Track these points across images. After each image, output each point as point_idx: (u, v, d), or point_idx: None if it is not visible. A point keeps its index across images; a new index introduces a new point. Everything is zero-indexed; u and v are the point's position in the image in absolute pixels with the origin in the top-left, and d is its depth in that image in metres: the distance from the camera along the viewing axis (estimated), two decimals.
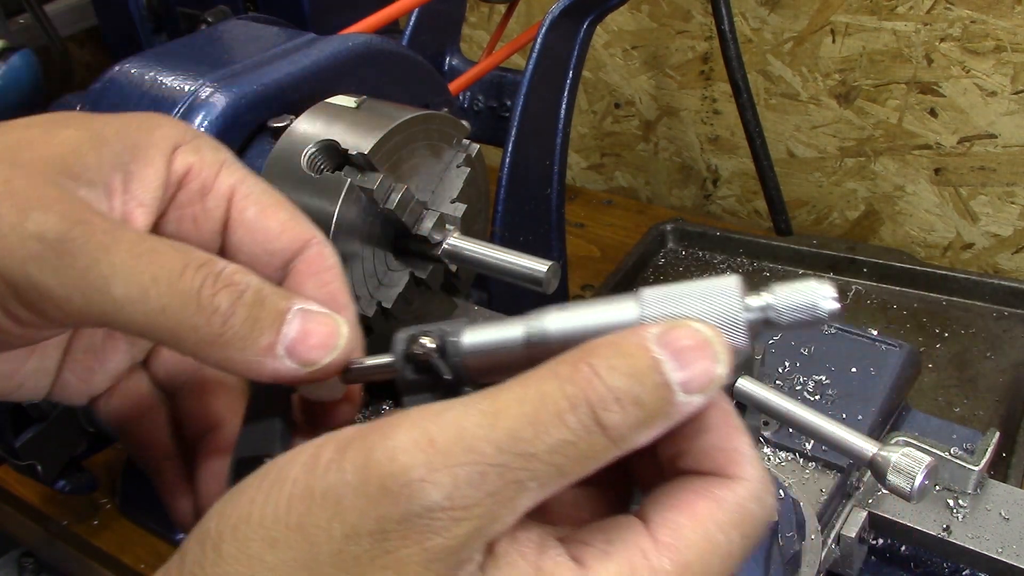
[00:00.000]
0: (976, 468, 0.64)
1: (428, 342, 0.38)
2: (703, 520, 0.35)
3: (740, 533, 0.35)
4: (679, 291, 0.37)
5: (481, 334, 0.39)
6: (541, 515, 0.37)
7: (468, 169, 0.75)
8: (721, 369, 0.34)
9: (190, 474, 0.49)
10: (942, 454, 0.64)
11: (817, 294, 0.37)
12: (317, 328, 0.40)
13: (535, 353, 0.37)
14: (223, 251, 0.46)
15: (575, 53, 0.99)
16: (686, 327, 0.35)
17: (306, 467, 0.34)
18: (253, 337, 0.39)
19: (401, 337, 0.39)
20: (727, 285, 0.37)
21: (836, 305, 0.36)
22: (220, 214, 0.46)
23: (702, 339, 0.35)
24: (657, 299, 0.37)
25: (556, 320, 0.37)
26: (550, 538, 0.36)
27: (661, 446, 0.37)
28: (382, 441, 0.33)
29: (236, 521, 0.34)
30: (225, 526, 0.34)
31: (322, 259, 0.45)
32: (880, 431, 0.70)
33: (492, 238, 0.93)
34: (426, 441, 0.32)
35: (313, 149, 0.68)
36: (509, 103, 1.12)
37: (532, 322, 0.38)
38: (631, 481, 0.40)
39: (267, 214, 0.46)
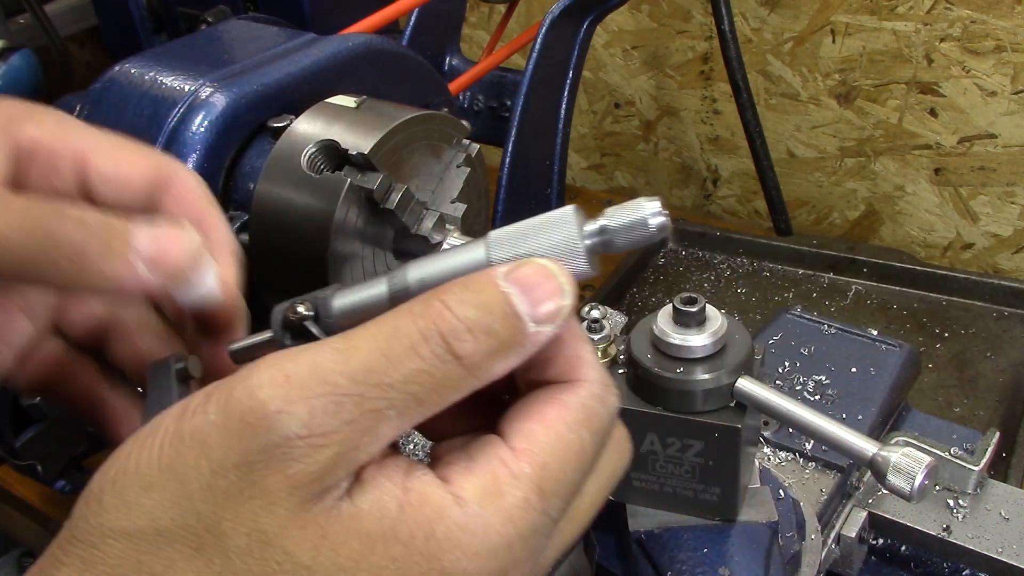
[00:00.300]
0: (976, 468, 0.64)
1: (302, 309, 0.41)
2: (552, 423, 0.38)
3: (588, 430, 0.38)
4: (522, 228, 0.40)
5: (349, 295, 0.41)
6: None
7: (468, 169, 0.75)
8: (567, 300, 0.37)
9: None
10: (942, 454, 0.64)
11: (645, 210, 0.39)
12: (167, 233, 0.43)
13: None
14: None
15: (575, 53, 0.99)
16: (532, 264, 0.38)
17: (175, 415, 0.36)
18: (107, 254, 0.41)
19: (278, 308, 0.42)
20: (564, 216, 0.39)
21: (663, 219, 0.39)
22: (74, 177, 0.48)
23: (547, 273, 0.37)
24: (503, 239, 0.39)
25: (414, 271, 0.40)
26: (418, 463, 0.38)
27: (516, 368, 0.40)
28: (242, 382, 0.35)
29: (115, 473, 0.36)
30: (105, 480, 0.36)
31: (184, 186, 0.49)
32: (880, 431, 0.70)
33: None
34: (282, 377, 0.34)
35: (313, 149, 0.68)
36: (509, 103, 1.12)
37: (394, 277, 0.40)
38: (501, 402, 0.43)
39: (120, 162, 0.48)
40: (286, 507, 0.34)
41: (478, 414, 0.42)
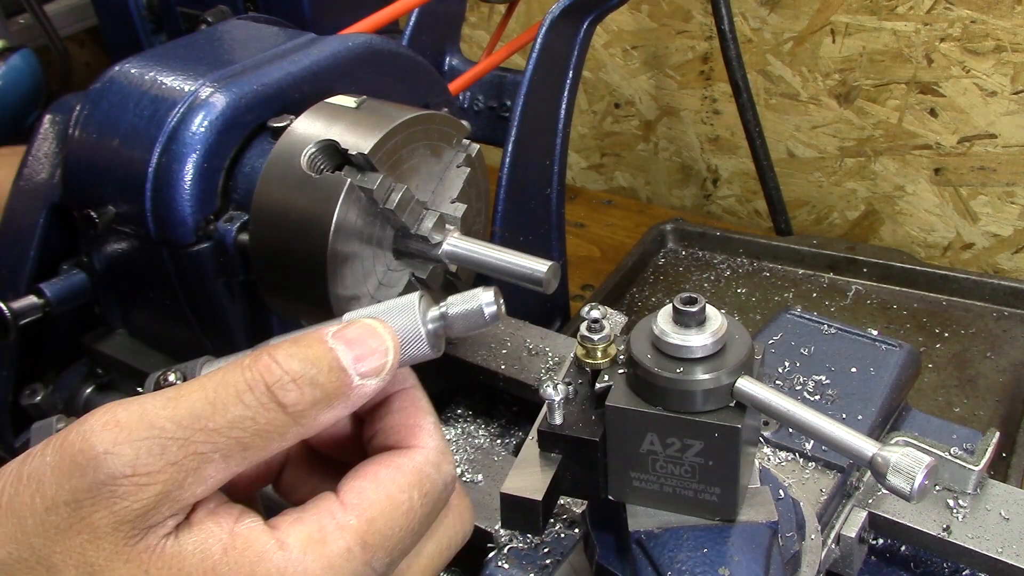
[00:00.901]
0: (976, 468, 0.64)
1: (172, 377, 0.45)
2: (384, 482, 0.41)
3: (419, 491, 0.42)
4: (371, 311, 0.44)
5: (217, 364, 0.45)
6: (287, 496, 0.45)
7: (468, 169, 0.75)
8: (391, 356, 0.41)
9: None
10: (942, 454, 0.64)
11: (481, 300, 0.44)
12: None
13: None
14: None
15: (575, 53, 0.99)
16: (358, 323, 0.41)
17: (20, 459, 0.39)
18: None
19: (153, 376, 0.46)
20: (409, 303, 0.44)
21: (496, 308, 0.44)
22: None
23: (372, 331, 0.41)
24: (352, 318, 0.43)
25: (272, 342, 0.43)
26: (250, 511, 0.40)
27: (363, 430, 0.44)
28: (77, 427, 0.38)
29: None
30: None
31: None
32: (880, 431, 0.70)
33: (492, 238, 0.93)
34: (113, 421, 0.37)
35: (313, 149, 0.68)
36: (509, 103, 1.12)
37: (257, 348, 0.43)
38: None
39: None
40: (111, 542, 0.37)
41: (330, 478, 0.45)
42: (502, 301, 0.44)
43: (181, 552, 0.37)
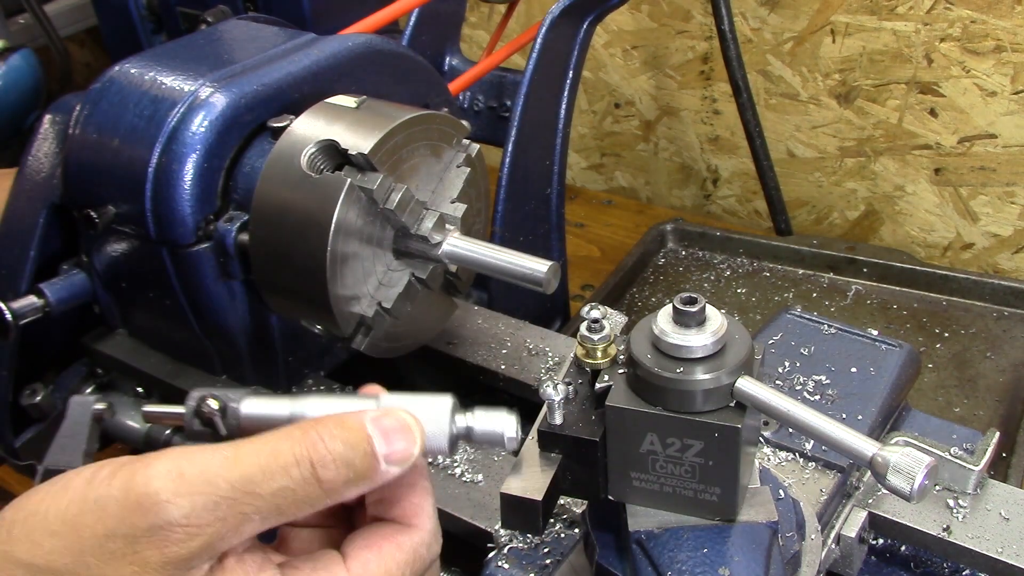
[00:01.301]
0: (976, 468, 0.64)
1: (213, 404, 0.48)
2: (385, 557, 0.47)
3: (412, 569, 0.48)
4: (410, 400, 0.49)
5: (256, 406, 0.48)
6: (285, 546, 0.51)
7: (468, 169, 0.75)
8: (416, 450, 0.47)
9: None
10: (942, 454, 0.64)
11: (505, 428, 0.49)
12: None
13: None
14: None
15: (575, 53, 0.99)
16: (395, 415, 0.47)
17: (86, 480, 0.44)
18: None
19: (194, 395, 0.49)
20: (443, 404, 0.49)
21: (515, 438, 0.49)
22: None
23: (405, 426, 0.47)
24: (391, 402, 0.48)
25: (314, 407, 0.48)
26: (271, 562, 0.46)
27: (369, 494, 0.49)
28: (144, 468, 0.43)
29: (27, 514, 0.44)
30: (18, 515, 0.44)
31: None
32: (880, 431, 0.70)
33: (492, 238, 0.93)
34: (176, 472, 0.43)
35: (313, 149, 0.68)
36: (509, 103, 1.12)
37: (296, 405, 0.48)
38: (351, 524, 0.52)
39: None
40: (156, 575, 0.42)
41: (329, 515, 0.52)
42: (520, 429, 0.50)
43: None
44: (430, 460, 0.69)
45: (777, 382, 0.72)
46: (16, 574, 0.43)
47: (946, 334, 1.03)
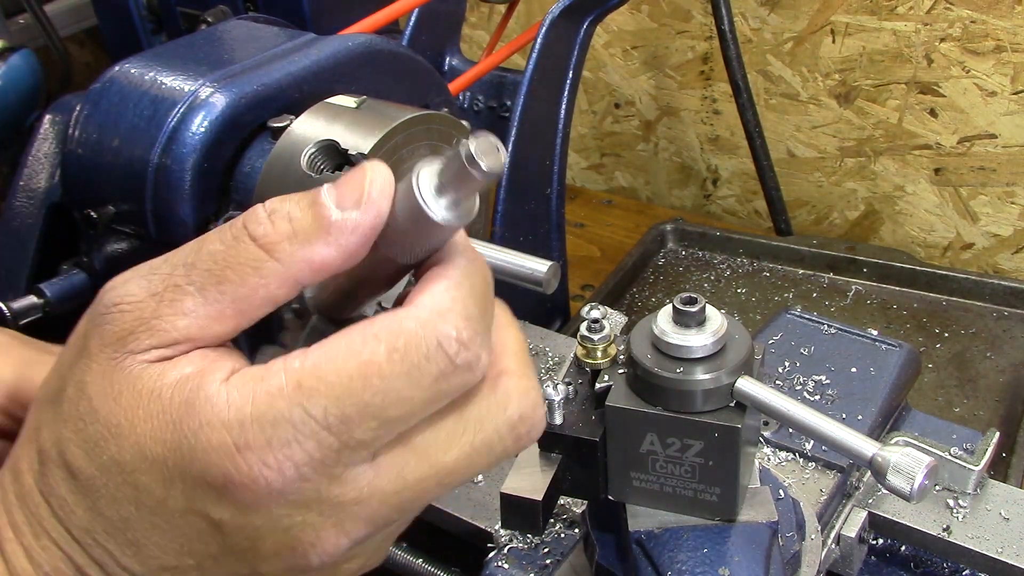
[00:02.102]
0: (976, 468, 0.64)
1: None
2: (348, 334, 0.38)
3: (388, 346, 0.37)
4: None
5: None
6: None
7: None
8: (369, 183, 0.38)
9: None
10: (942, 454, 0.64)
11: (461, 153, 0.37)
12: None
13: None
14: None
15: (575, 53, 0.99)
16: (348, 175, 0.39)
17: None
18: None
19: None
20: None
21: (485, 160, 0.37)
22: None
23: (361, 169, 0.39)
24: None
25: None
26: (243, 362, 0.40)
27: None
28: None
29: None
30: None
31: None
32: (880, 431, 0.70)
33: (492, 238, 0.93)
34: (129, 273, 0.41)
35: (313, 149, 0.68)
36: (509, 103, 1.12)
37: None
38: None
39: None
40: (99, 362, 0.40)
41: None
42: (500, 147, 0.39)
43: (143, 375, 0.39)
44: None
45: (777, 382, 0.72)
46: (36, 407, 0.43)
47: (946, 334, 1.03)
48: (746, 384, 0.52)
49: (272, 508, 0.38)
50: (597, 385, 0.55)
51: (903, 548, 0.68)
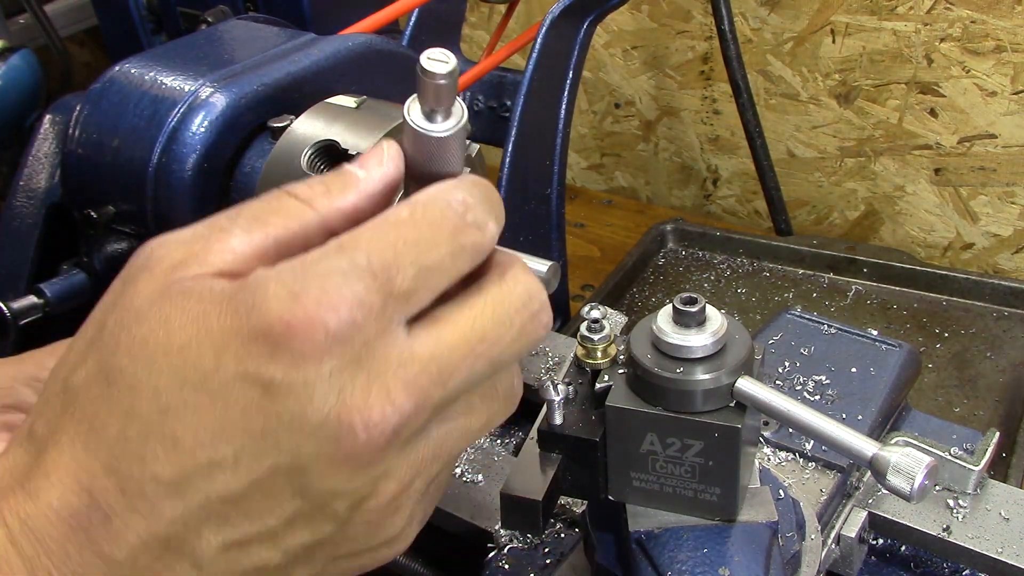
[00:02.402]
0: (976, 468, 0.64)
1: None
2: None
3: (414, 205, 0.42)
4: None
5: None
6: None
7: (468, 169, 0.75)
8: (393, 149, 0.45)
9: None
10: (942, 454, 0.64)
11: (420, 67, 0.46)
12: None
13: None
14: None
15: (575, 53, 0.99)
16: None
17: None
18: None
19: None
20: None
21: (438, 72, 0.47)
22: None
23: (376, 147, 0.46)
24: None
25: None
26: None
27: None
28: None
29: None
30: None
31: None
32: (880, 431, 0.70)
33: None
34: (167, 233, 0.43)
35: (313, 149, 0.68)
36: (509, 103, 1.12)
37: None
38: None
39: None
40: (146, 286, 0.41)
41: None
42: (446, 53, 0.46)
43: (195, 284, 0.40)
44: None
45: (777, 382, 0.72)
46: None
47: (946, 334, 1.03)
48: (746, 384, 0.52)
49: (325, 358, 0.38)
50: (597, 385, 0.55)
51: (903, 548, 0.68)
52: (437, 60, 0.46)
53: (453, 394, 0.42)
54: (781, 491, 0.59)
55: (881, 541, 0.68)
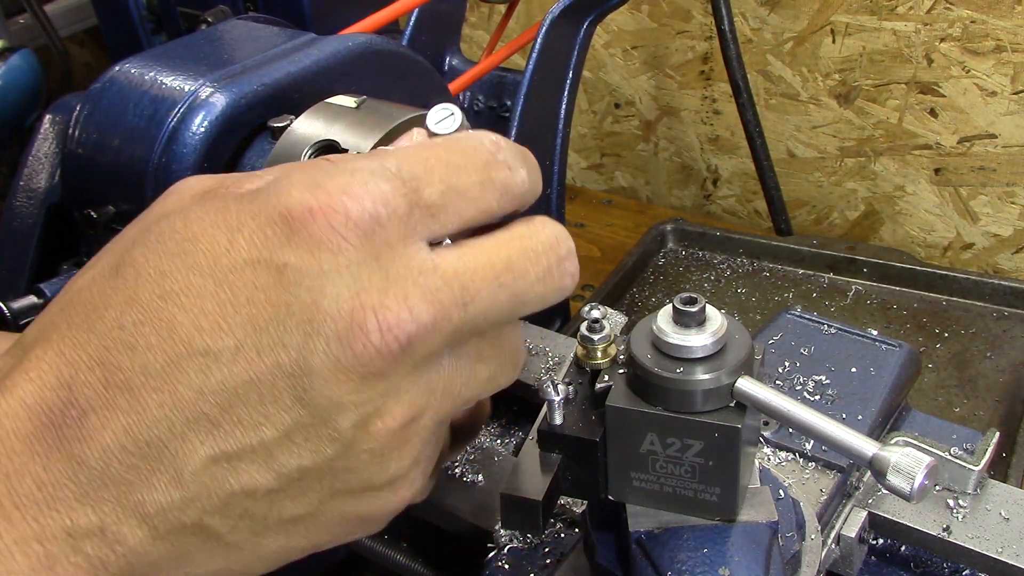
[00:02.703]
0: (976, 468, 0.64)
1: None
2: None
3: (442, 139, 0.43)
4: None
5: None
6: None
7: None
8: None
9: None
10: (942, 454, 0.64)
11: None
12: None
13: None
14: None
15: (575, 53, 0.99)
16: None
17: None
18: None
19: None
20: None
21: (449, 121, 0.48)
22: None
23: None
24: None
25: None
26: None
27: None
28: None
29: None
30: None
31: None
32: (880, 431, 0.70)
33: None
34: None
35: (313, 149, 0.68)
36: (509, 103, 1.12)
37: None
38: None
39: None
40: (173, 201, 0.40)
41: None
42: (454, 111, 0.48)
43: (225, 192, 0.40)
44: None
45: (777, 382, 0.72)
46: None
47: (946, 334, 1.03)
48: (746, 384, 0.52)
49: (344, 247, 0.36)
50: (597, 385, 0.55)
51: (903, 548, 0.68)
52: (444, 122, 0.47)
53: (471, 322, 0.39)
54: (781, 491, 0.59)
55: (881, 541, 0.68)
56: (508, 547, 0.65)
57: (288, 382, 0.35)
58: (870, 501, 0.65)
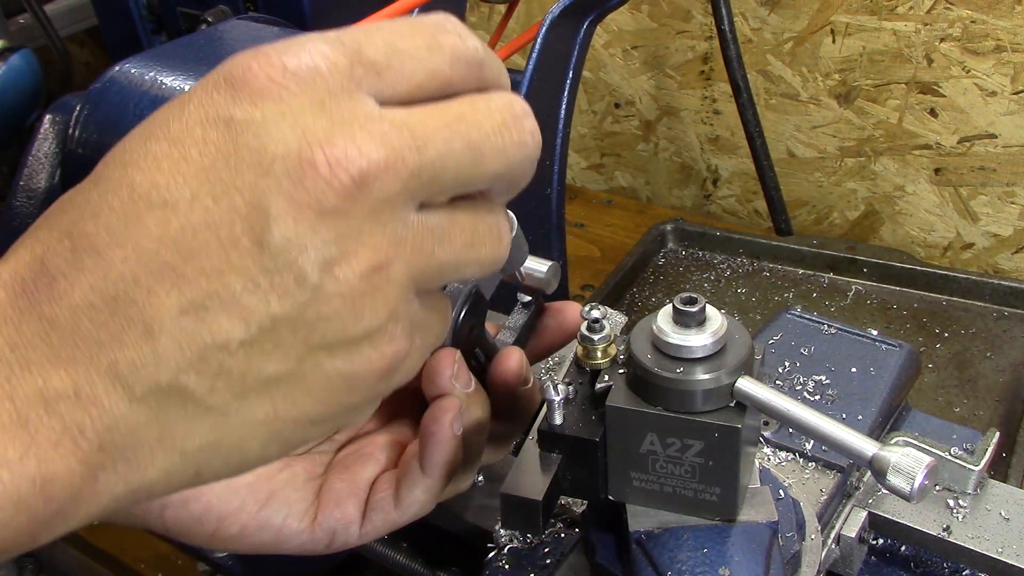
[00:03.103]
0: (976, 468, 0.64)
1: None
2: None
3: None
4: None
5: None
6: None
7: None
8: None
9: None
10: (942, 454, 0.64)
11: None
12: None
13: None
14: None
15: (575, 53, 0.99)
16: None
17: None
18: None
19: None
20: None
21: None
22: None
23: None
24: None
25: None
26: None
27: None
28: None
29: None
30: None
31: None
32: (880, 431, 0.70)
33: None
34: None
35: None
36: None
37: None
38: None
39: None
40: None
41: None
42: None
43: None
44: None
45: (777, 382, 0.72)
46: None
47: (946, 334, 1.03)
48: (746, 384, 0.52)
49: (284, 95, 0.37)
50: (597, 385, 0.55)
51: (903, 548, 0.68)
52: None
53: (428, 168, 0.38)
54: (781, 491, 0.59)
55: (881, 541, 0.68)
56: (508, 547, 0.65)
57: (245, 223, 0.36)
58: (870, 501, 0.65)
